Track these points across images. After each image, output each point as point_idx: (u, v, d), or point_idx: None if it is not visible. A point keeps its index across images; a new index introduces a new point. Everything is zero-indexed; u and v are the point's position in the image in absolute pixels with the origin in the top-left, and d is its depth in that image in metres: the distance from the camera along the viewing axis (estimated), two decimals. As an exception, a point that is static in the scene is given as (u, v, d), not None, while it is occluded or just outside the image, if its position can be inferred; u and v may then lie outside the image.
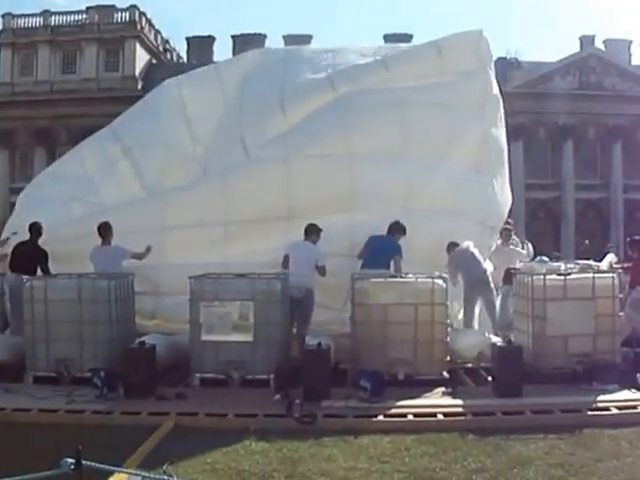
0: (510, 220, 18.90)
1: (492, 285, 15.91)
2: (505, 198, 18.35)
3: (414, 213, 16.08)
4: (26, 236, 15.64)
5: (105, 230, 15.22)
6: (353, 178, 16.33)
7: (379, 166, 16.46)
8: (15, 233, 16.83)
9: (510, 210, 18.74)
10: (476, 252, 15.92)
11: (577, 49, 65.73)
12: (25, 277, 14.20)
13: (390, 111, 17.07)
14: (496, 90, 19.00)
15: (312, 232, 15.03)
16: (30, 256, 15.25)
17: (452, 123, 17.30)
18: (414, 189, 16.42)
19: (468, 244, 15.91)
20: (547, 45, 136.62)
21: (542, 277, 13.51)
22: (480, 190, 17.17)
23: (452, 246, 16.03)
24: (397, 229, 15.31)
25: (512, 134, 59.00)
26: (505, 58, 63.53)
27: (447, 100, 17.50)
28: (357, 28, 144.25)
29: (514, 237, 18.00)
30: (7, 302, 15.57)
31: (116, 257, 15.03)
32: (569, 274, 13.86)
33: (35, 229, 15.55)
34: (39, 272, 15.04)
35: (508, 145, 19.03)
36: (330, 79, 17.83)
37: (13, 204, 19.53)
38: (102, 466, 6.29)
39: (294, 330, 14.43)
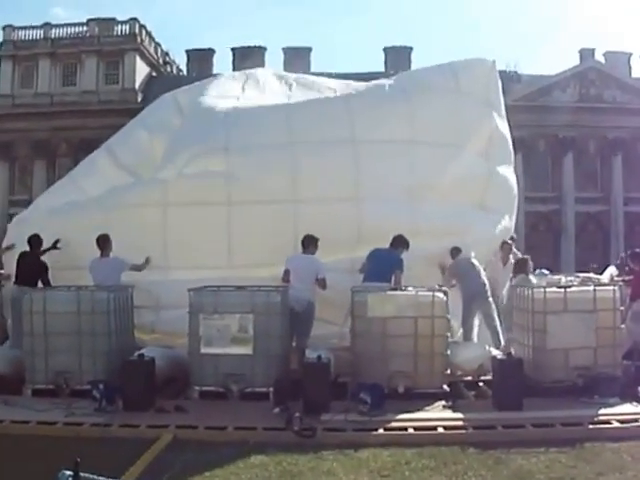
0: (514, 235, 18.86)
1: (490, 298, 15.88)
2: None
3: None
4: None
5: (104, 242, 15.22)
6: (360, 213, 16.23)
7: (385, 204, 16.33)
8: (13, 246, 16.89)
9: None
10: (476, 264, 15.91)
11: (577, 62, 65.84)
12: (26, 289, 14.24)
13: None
14: (505, 128, 18.85)
15: (310, 244, 14.99)
16: (31, 268, 15.25)
17: (455, 160, 17.20)
18: (420, 226, 16.18)
19: (469, 255, 15.89)
20: (547, 58, 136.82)
21: (542, 290, 13.46)
22: (484, 227, 17.12)
23: (455, 251, 16.05)
24: (400, 242, 15.25)
25: (512, 147, 59.38)
26: (505, 71, 63.49)
27: (455, 138, 17.31)
28: (356, 40, 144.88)
29: (515, 250, 17.93)
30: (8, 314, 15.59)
31: (115, 269, 15.02)
32: (569, 287, 13.84)
33: (35, 241, 15.54)
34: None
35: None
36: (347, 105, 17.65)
37: (12, 216, 19.54)
38: (100, 478, 6.27)
39: (294, 343, 14.35)
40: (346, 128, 16.80)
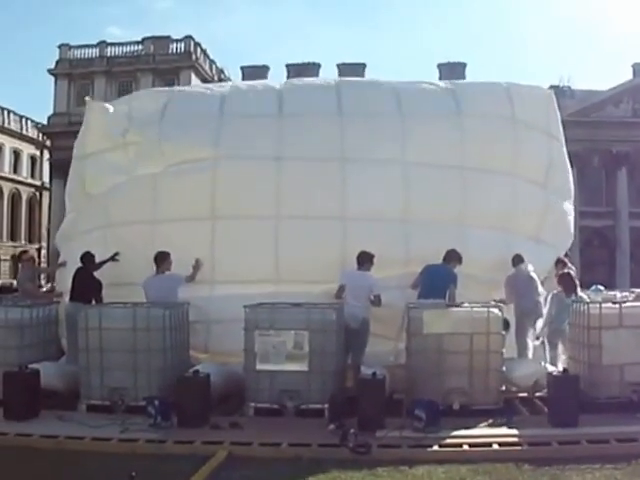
0: (567, 251, 18.72)
1: (542, 316, 15.76)
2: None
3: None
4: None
5: (162, 259, 15.28)
6: (407, 235, 16.07)
7: (433, 230, 16.09)
8: (65, 263, 17.23)
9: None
10: (534, 277, 15.79)
11: (630, 77, 65.32)
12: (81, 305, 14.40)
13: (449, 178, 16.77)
14: (565, 159, 18.47)
15: (366, 260, 14.94)
16: (85, 285, 15.41)
17: (507, 189, 16.94)
18: (468, 253, 15.74)
19: (529, 268, 15.80)
20: (600, 73, 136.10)
21: (598, 305, 13.34)
22: (534, 259, 16.85)
23: (517, 259, 15.87)
24: (453, 257, 15.22)
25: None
26: (558, 86, 63.29)
27: (509, 167, 17.06)
28: (410, 56, 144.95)
29: (570, 265, 17.75)
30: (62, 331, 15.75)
31: (172, 286, 15.09)
32: (624, 302, 13.71)
33: (88, 258, 15.71)
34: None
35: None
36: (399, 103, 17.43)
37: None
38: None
39: (349, 360, 14.33)
40: (398, 148, 16.63)
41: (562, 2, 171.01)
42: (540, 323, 15.81)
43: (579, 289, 15.85)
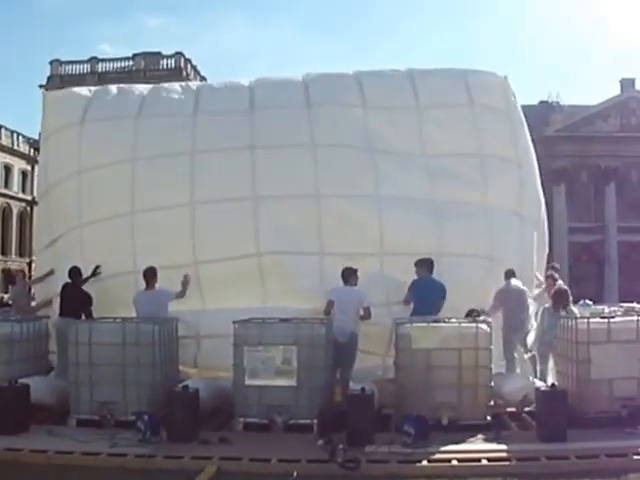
0: (556, 265, 18.77)
1: (530, 332, 15.85)
2: (542, 252, 18.32)
3: (445, 260, 16.01)
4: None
5: (150, 275, 15.32)
6: (382, 226, 16.34)
7: (409, 214, 16.44)
8: (52, 272, 17.31)
9: (552, 253, 18.54)
10: (525, 292, 15.90)
11: (618, 92, 65.61)
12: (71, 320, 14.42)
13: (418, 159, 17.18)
14: (528, 139, 18.73)
15: (350, 275, 15.02)
16: (74, 300, 15.43)
17: (484, 170, 17.28)
18: (444, 237, 16.27)
19: (518, 284, 15.85)
20: (588, 89, 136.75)
21: (586, 320, 13.39)
22: (519, 236, 17.14)
23: (509, 272, 15.95)
24: (432, 266, 15.44)
25: (554, 177, 59.22)
26: (547, 102, 63.75)
27: (477, 148, 17.41)
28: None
29: (560, 282, 17.79)
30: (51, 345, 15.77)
31: (162, 301, 15.09)
32: (613, 317, 13.75)
33: (75, 272, 15.75)
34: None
35: (550, 189, 18.91)
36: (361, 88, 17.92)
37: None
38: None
39: (337, 375, 14.35)
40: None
41: (550, 20, 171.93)
42: (531, 337, 15.86)
43: (571, 304, 15.85)
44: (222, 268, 16.10)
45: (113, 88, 19.25)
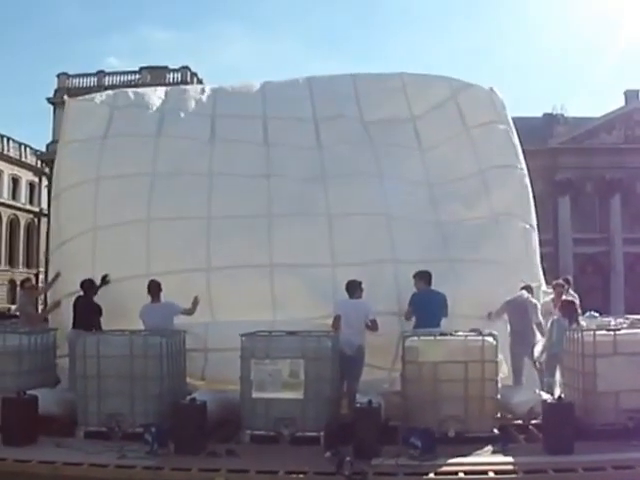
0: (569, 277, 18.89)
1: (538, 341, 15.84)
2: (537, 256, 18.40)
3: (457, 265, 16.32)
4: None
5: (154, 288, 15.40)
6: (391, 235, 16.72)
7: (413, 222, 16.88)
8: (58, 275, 17.49)
9: (557, 265, 18.60)
10: (533, 304, 15.91)
11: (622, 104, 65.69)
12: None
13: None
14: (517, 142, 18.94)
15: (356, 288, 15.06)
16: (86, 311, 15.50)
17: (487, 184, 17.78)
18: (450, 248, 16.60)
19: (525, 295, 15.88)
20: (592, 102, 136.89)
21: (592, 333, 13.39)
22: (525, 241, 17.36)
23: (523, 287, 16.02)
24: (431, 278, 15.48)
25: (559, 189, 59.25)
26: (551, 114, 63.80)
27: (477, 167, 17.95)
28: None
29: (571, 292, 17.83)
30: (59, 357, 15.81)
31: (167, 314, 15.17)
32: (619, 329, 13.75)
33: (87, 285, 15.80)
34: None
35: (555, 200, 19.14)
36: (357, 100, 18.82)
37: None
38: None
39: (344, 387, 14.37)
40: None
41: (553, 32, 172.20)
42: (538, 348, 15.87)
43: (579, 317, 15.85)
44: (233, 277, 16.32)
45: (131, 95, 19.65)
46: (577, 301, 16.68)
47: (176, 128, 18.36)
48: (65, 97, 20.36)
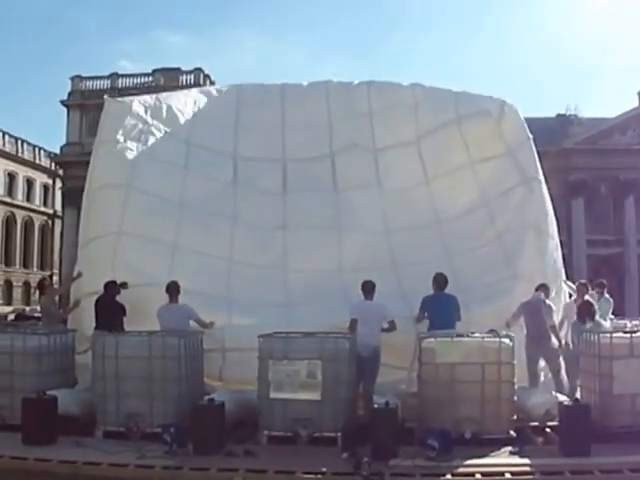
0: (604, 281, 18.99)
1: (553, 343, 15.82)
2: (559, 259, 18.37)
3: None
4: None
5: (174, 289, 15.47)
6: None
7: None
8: (80, 275, 17.57)
9: (571, 266, 18.63)
10: (548, 305, 15.87)
11: (636, 104, 65.49)
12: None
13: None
14: (533, 153, 18.71)
15: (372, 289, 15.14)
16: (108, 311, 15.55)
17: (492, 211, 18.12)
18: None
19: (540, 296, 15.85)
20: (607, 103, 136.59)
21: (609, 335, 13.43)
22: (538, 248, 17.37)
23: (543, 288, 16.03)
24: (446, 282, 15.57)
25: (573, 190, 59.00)
26: (565, 115, 63.62)
27: (482, 199, 18.33)
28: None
29: (606, 295, 17.83)
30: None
31: (184, 316, 15.25)
32: (636, 332, 13.77)
33: (111, 286, 15.87)
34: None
35: (569, 201, 19.16)
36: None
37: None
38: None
39: (360, 388, 14.42)
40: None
41: (567, 34, 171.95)
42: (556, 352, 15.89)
43: (597, 316, 15.83)
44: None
45: (164, 106, 19.90)
46: (611, 304, 16.74)
47: (200, 166, 18.90)
48: (105, 97, 20.39)
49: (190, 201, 18.04)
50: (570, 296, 17.93)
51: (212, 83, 69.11)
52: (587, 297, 16.68)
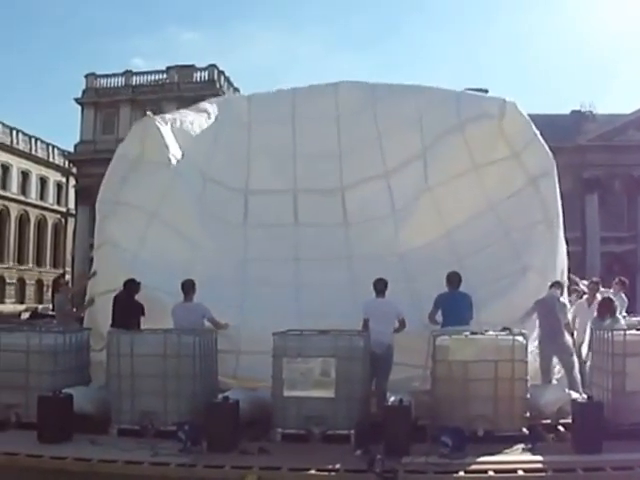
0: (623, 278, 19.00)
1: (566, 340, 15.84)
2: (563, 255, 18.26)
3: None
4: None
5: (188, 287, 15.51)
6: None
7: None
8: (94, 273, 17.78)
9: (584, 263, 18.61)
10: (562, 302, 15.95)
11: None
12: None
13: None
14: (542, 148, 18.39)
15: (384, 287, 15.19)
16: (125, 310, 15.60)
17: (500, 216, 17.89)
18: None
19: (554, 294, 15.90)
20: (622, 100, 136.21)
21: (622, 332, 13.42)
22: (546, 243, 17.31)
23: (557, 285, 16.06)
24: (460, 280, 15.59)
25: (587, 187, 58.84)
26: (579, 111, 63.47)
27: (487, 204, 18.16)
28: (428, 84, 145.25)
29: (622, 295, 17.82)
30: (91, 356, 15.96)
31: (198, 314, 15.28)
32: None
33: (130, 285, 15.92)
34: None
35: (582, 198, 19.04)
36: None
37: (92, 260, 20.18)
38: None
39: (373, 386, 14.46)
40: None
41: (582, 30, 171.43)
42: (585, 349, 15.88)
43: (617, 313, 15.80)
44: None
45: (190, 130, 19.68)
46: (625, 302, 16.75)
47: (215, 208, 18.82)
48: (148, 113, 20.28)
49: (207, 243, 18.05)
50: (581, 296, 17.97)
51: (227, 79, 69.48)
52: (605, 294, 16.68)
